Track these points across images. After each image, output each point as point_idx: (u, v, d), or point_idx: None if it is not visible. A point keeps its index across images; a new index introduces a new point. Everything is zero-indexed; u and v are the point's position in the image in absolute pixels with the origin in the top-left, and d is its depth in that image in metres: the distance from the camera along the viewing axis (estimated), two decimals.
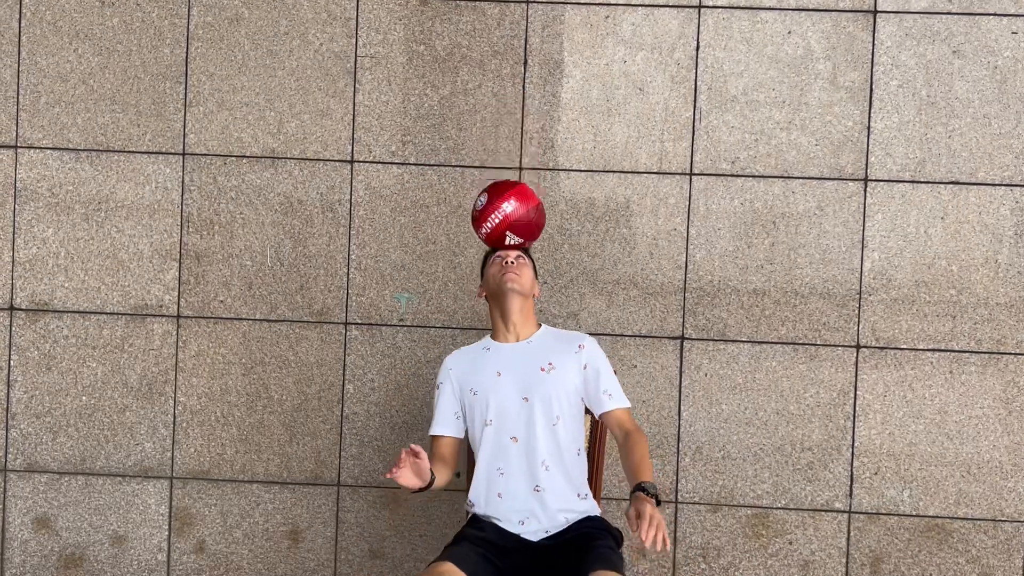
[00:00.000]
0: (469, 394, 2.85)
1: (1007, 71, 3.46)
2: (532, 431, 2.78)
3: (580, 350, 2.85)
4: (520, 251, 2.91)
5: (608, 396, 2.83)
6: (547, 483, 2.77)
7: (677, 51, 3.52)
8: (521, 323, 2.88)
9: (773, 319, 3.50)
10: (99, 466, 3.63)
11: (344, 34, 3.56)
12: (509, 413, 2.80)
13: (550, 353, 2.84)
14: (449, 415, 2.88)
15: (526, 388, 2.80)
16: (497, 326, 2.91)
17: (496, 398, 2.80)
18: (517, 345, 2.87)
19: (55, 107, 3.61)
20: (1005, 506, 3.47)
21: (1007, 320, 3.47)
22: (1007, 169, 3.46)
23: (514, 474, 2.79)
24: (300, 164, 3.58)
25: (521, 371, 2.82)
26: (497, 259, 2.89)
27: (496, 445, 2.80)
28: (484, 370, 2.85)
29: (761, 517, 3.52)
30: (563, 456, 2.79)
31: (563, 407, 2.80)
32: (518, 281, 2.83)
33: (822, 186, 3.50)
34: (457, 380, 2.88)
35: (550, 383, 2.80)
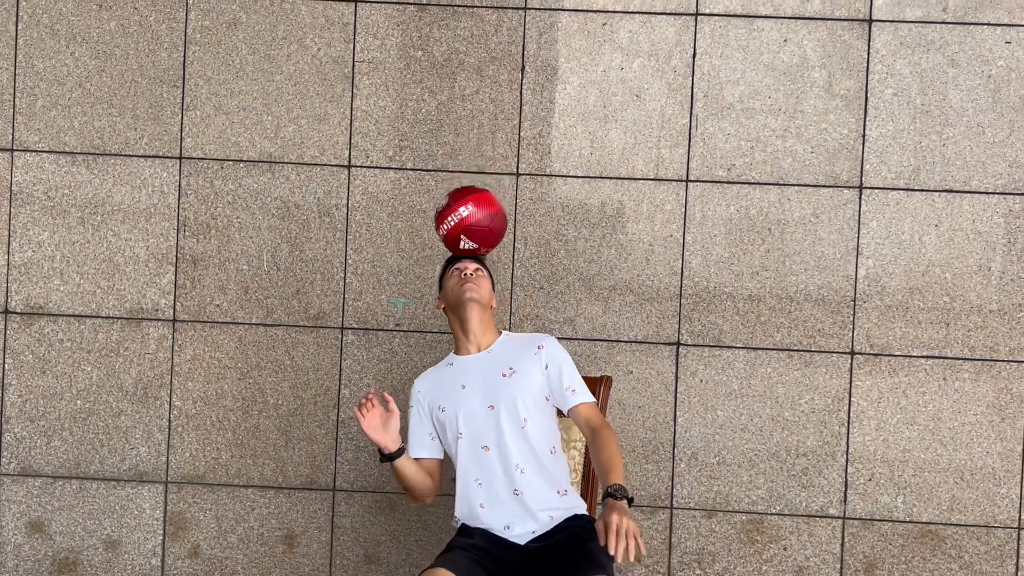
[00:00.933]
0: (439, 411, 2.87)
1: (1001, 80, 3.49)
2: (502, 437, 2.79)
3: (539, 351, 2.87)
4: (478, 264, 2.95)
5: (572, 392, 2.85)
6: (524, 486, 2.78)
7: (674, 58, 3.54)
8: (481, 333, 2.90)
9: (768, 325, 3.52)
10: (93, 470, 3.62)
11: (342, 39, 3.57)
12: (477, 422, 2.82)
13: (510, 358, 2.87)
14: (423, 436, 2.90)
15: (490, 396, 2.82)
16: (458, 338, 2.93)
17: (463, 410, 2.83)
18: (479, 356, 2.90)
19: (51, 110, 3.61)
20: (998, 513, 3.49)
21: (1000, 327, 3.49)
22: (1000, 177, 3.49)
23: (491, 482, 2.80)
24: (297, 169, 3.58)
25: (484, 380, 2.84)
26: (455, 271, 2.92)
27: (470, 456, 2.82)
28: (450, 386, 2.87)
29: (756, 523, 3.53)
30: (537, 457, 2.80)
31: (528, 409, 2.81)
32: (476, 291, 2.86)
33: (817, 193, 3.52)
34: (426, 401, 2.90)
35: (513, 387, 2.82)
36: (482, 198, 2.91)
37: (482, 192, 2.93)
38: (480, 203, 2.89)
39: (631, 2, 3.53)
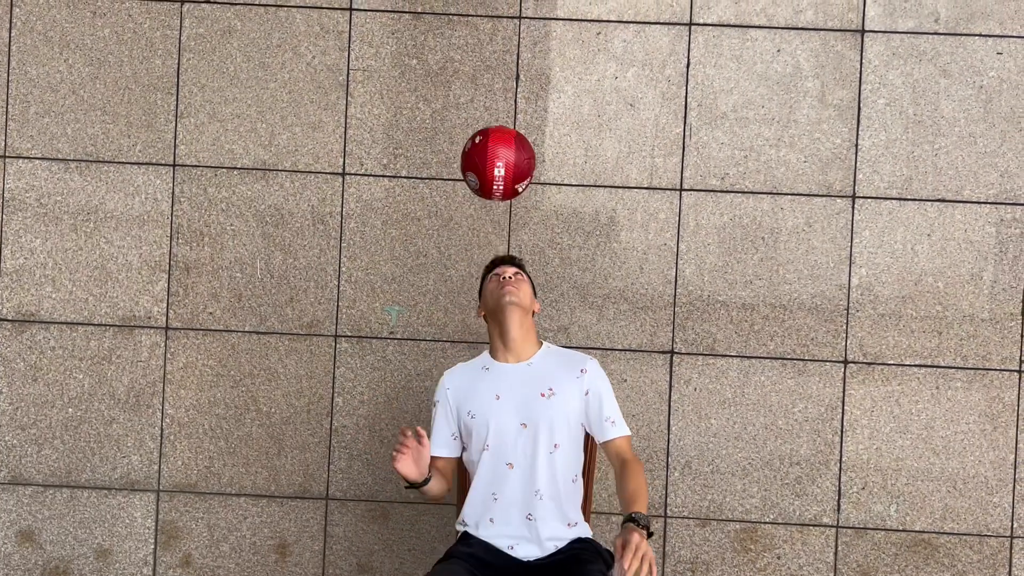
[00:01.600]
0: (467, 416, 2.81)
1: (992, 91, 3.51)
2: (529, 459, 2.74)
3: (582, 375, 2.82)
4: (518, 268, 2.92)
5: (611, 424, 2.80)
6: (540, 512, 2.74)
7: (668, 68, 3.55)
8: (521, 341, 2.84)
9: (762, 334, 3.53)
10: (84, 479, 3.59)
11: (337, 47, 3.57)
12: (507, 439, 2.76)
13: (551, 377, 2.80)
14: (446, 436, 2.86)
15: (525, 414, 2.76)
16: (496, 345, 2.87)
17: (494, 423, 2.76)
18: (517, 366, 2.84)
19: (44, 117, 3.60)
20: (991, 521, 3.50)
21: (992, 336, 3.50)
22: (992, 187, 3.51)
23: (508, 500, 2.76)
24: (291, 176, 3.58)
25: (521, 395, 2.78)
26: (494, 277, 2.88)
27: (492, 470, 2.77)
28: (483, 392, 2.81)
29: (749, 532, 3.53)
30: (558, 485, 2.76)
31: (563, 435, 2.76)
32: (516, 295, 2.81)
33: (810, 202, 3.53)
34: (454, 400, 2.85)
35: (550, 410, 2.76)
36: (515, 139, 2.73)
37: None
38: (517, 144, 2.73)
39: (625, 12, 3.55)
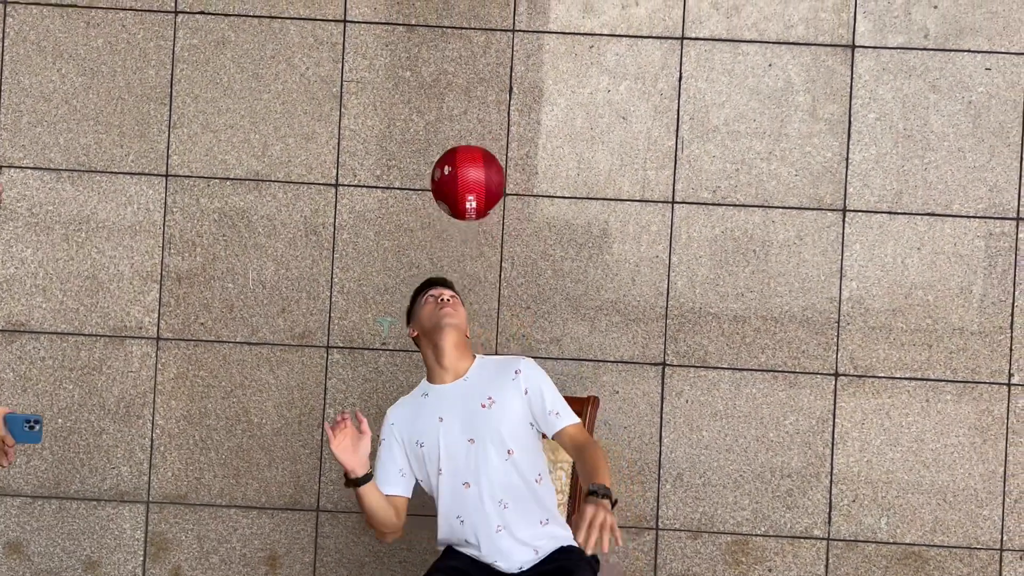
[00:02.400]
0: (416, 447, 2.77)
1: (981, 106, 3.54)
2: (483, 473, 2.71)
3: (517, 376, 2.79)
4: (453, 292, 2.91)
5: (556, 415, 2.76)
6: (508, 521, 2.72)
7: (660, 81, 3.57)
8: (456, 358, 2.81)
9: (753, 346, 3.54)
10: (74, 490, 3.57)
11: (330, 59, 3.59)
12: (458, 458, 2.73)
13: (488, 386, 2.78)
14: (393, 473, 2.80)
15: (470, 429, 2.73)
16: (431, 367, 2.85)
17: (443, 444, 2.73)
18: (454, 385, 2.81)
19: (37, 127, 3.59)
20: (980, 534, 3.51)
21: (981, 350, 3.52)
22: (981, 202, 3.54)
23: (473, 521, 2.72)
24: (284, 187, 3.58)
25: (462, 412, 2.75)
26: (430, 298, 2.86)
27: (451, 493, 2.74)
28: (426, 418, 2.78)
29: (741, 544, 3.53)
30: (523, 489, 2.73)
31: (515, 439, 2.73)
32: (455, 316, 2.80)
33: (801, 216, 3.55)
34: (400, 435, 2.80)
35: (493, 419, 2.73)
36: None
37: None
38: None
39: (618, 25, 3.57)
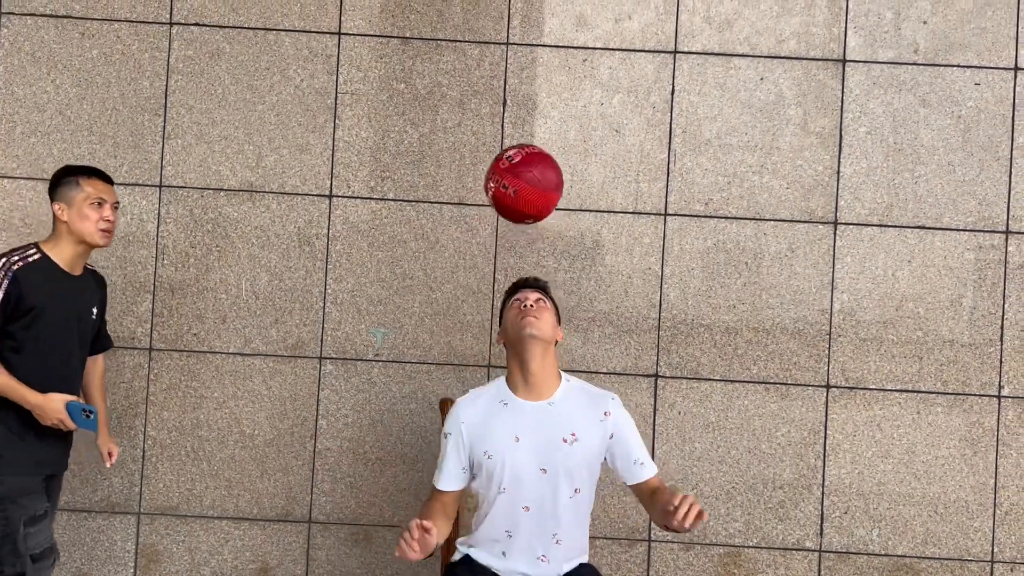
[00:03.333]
0: (483, 456, 2.64)
1: (970, 120, 3.58)
2: (548, 504, 2.63)
3: (606, 418, 2.67)
4: (541, 293, 2.76)
5: (640, 465, 2.68)
6: (554, 553, 2.67)
7: (653, 95, 3.59)
8: (542, 375, 2.66)
9: (745, 358, 3.55)
10: (64, 501, 3.55)
11: (325, 71, 3.60)
12: (524, 483, 2.62)
13: (574, 420, 2.65)
14: (456, 470, 2.68)
15: (546, 459, 2.62)
16: (515, 377, 2.69)
17: (512, 466, 2.61)
18: (538, 405, 2.66)
19: (31, 137, 3.59)
20: (971, 546, 3.52)
21: (971, 362, 3.54)
22: (971, 215, 3.57)
23: (522, 540, 2.65)
24: (278, 198, 3.58)
25: (541, 439, 2.63)
26: (515, 303, 2.71)
27: (507, 510, 2.65)
28: (501, 431, 2.64)
29: (733, 556, 3.53)
30: (575, 526, 2.68)
31: (583, 479, 2.65)
32: (538, 326, 2.63)
33: (793, 228, 3.57)
34: (469, 437, 2.66)
35: (573, 457, 2.62)
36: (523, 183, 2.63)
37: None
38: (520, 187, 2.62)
39: (611, 39, 3.60)
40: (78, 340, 3.02)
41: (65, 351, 2.97)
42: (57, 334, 2.94)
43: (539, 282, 2.82)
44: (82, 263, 3.03)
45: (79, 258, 3.01)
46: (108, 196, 3.00)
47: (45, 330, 2.91)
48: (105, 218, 2.97)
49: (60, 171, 3.04)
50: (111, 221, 2.98)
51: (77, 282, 3.01)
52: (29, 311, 2.87)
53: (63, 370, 2.97)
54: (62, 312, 2.94)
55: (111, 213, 2.98)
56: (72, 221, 2.96)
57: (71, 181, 2.99)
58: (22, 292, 2.86)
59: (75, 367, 3.03)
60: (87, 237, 2.97)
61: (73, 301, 2.99)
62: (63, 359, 2.97)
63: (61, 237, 2.98)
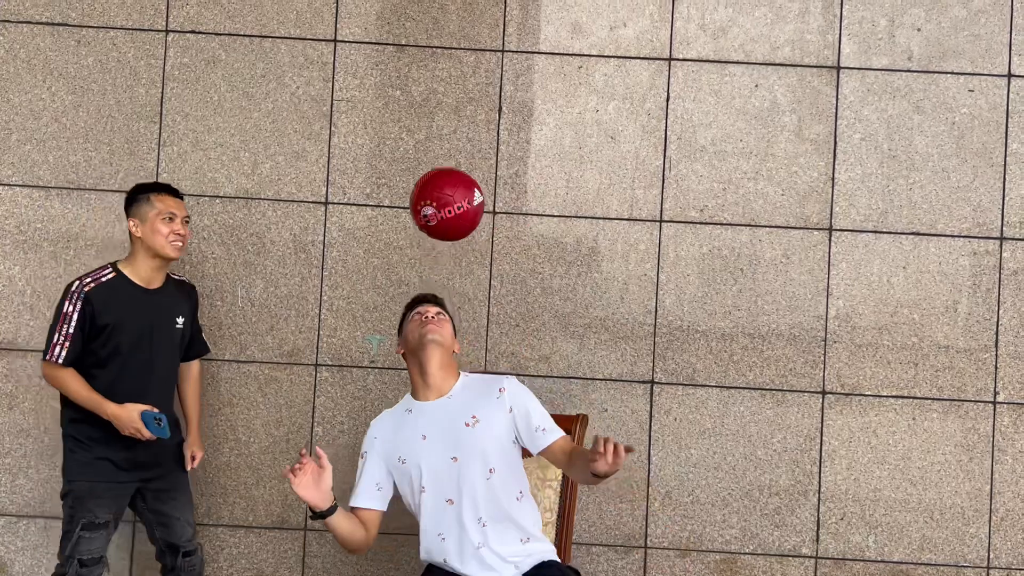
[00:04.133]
0: (398, 463, 2.77)
1: (964, 127, 3.59)
2: (465, 491, 2.71)
3: (501, 394, 2.78)
4: (439, 308, 2.90)
5: (543, 431, 2.76)
6: (487, 539, 2.72)
7: (648, 102, 3.60)
8: (440, 376, 2.81)
9: (741, 364, 3.55)
10: (58, 509, 3.53)
11: (321, 78, 3.60)
12: (440, 476, 2.73)
13: (472, 405, 2.78)
14: (370, 487, 2.79)
15: (453, 447, 2.73)
16: (416, 383, 2.84)
17: (426, 463, 2.74)
18: (438, 402, 2.80)
19: (26, 144, 3.59)
20: (967, 552, 3.52)
21: (967, 368, 3.55)
22: (965, 221, 3.58)
23: (454, 538, 2.73)
24: (274, 205, 3.59)
25: (446, 430, 2.75)
26: (416, 315, 2.86)
27: (434, 510, 2.74)
28: (409, 435, 2.77)
29: (729, 562, 3.53)
30: (502, 507, 2.73)
31: (495, 458, 2.73)
32: (439, 332, 2.80)
33: (788, 235, 3.58)
34: (383, 449, 2.80)
35: (477, 438, 2.73)
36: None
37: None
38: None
39: (606, 46, 3.61)
40: (161, 351, 3.15)
41: (145, 363, 3.11)
42: (136, 348, 3.09)
43: (437, 298, 2.97)
44: (159, 276, 3.17)
45: (155, 272, 3.15)
46: (178, 211, 3.15)
47: (123, 345, 3.07)
48: (176, 231, 3.12)
49: (133, 189, 3.20)
50: (182, 235, 3.13)
51: (155, 295, 3.15)
52: (104, 329, 3.04)
53: (145, 381, 3.10)
54: (137, 326, 3.08)
55: (182, 227, 3.14)
56: (145, 236, 3.11)
57: (143, 198, 3.14)
58: (95, 311, 3.03)
59: (160, 377, 3.15)
60: (160, 250, 3.11)
61: (150, 314, 3.12)
62: (144, 371, 3.10)
63: (137, 253, 3.14)
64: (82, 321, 3.02)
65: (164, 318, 3.16)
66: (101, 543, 3.03)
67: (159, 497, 3.17)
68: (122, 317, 3.06)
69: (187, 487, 3.26)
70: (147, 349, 3.11)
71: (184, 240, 3.15)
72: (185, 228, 3.15)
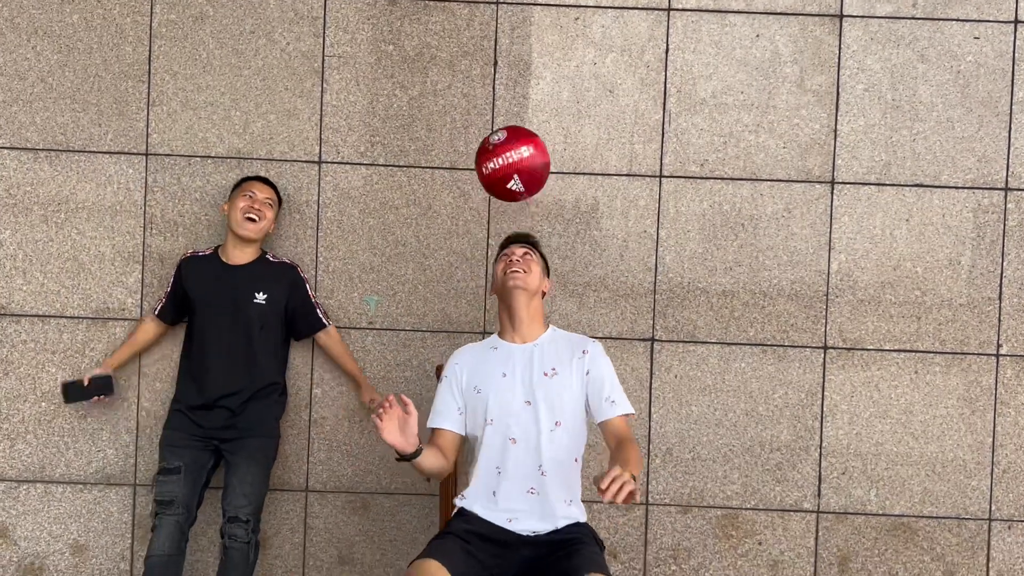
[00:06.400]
0: (472, 392, 2.83)
1: (969, 75, 3.51)
2: (532, 435, 2.76)
3: (584, 356, 2.83)
4: (528, 248, 2.91)
5: (611, 403, 2.79)
6: (542, 487, 2.75)
7: (647, 53, 3.52)
8: (528, 323, 2.86)
9: (742, 320, 3.52)
10: (59, 474, 3.54)
11: (311, 33, 3.52)
12: (510, 414, 2.77)
13: (555, 358, 2.83)
14: (452, 409, 2.84)
15: (529, 391, 2.79)
16: (504, 325, 2.90)
17: (498, 398, 2.78)
18: (523, 347, 2.85)
19: (12, 106, 3.52)
20: (969, 504, 3.52)
21: (970, 321, 3.52)
22: (969, 172, 3.52)
23: (511, 475, 2.76)
24: (267, 165, 3.52)
25: (525, 374, 2.81)
26: (504, 257, 2.89)
27: (496, 444, 2.78)
28: (489, 369, 2.83)
29: (731, 518, 3.53)
30: (560, 463, 2.77)
31: (564, 413, 2.78)
32: (523, 279, 2.82)
33: (790, 188, 3.52)
34: (463, 374, 2.86)
35: (553, 388, 2.78)
36: (541, 144, 2.83)
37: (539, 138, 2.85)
38: (540, 148, 2.82)
39: None
40: (241, 327, 3.29)
41: (223, 338, 3.28)
42: (213, 322, 3.29)
43: (529, 238, 2.99)
44: (244, 254, 3.34)
45: (237, 249, 3.34)
46: (259, 192, 3.34)
47: (204, 318, 3.31)
48: (249, 206, 3.29)
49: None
50: (255, 209, 3.30)
51: (237, 272, 3.33)
52: (189, 300, 3.34)
53: (224, 356, 3.27)
54: (215, 300, 3.30)
55: (258, 204, 3.30)
56: (228, 214, 3.34)
57: (239, 186, 3.38)
58: (182, 282, 3.36)
59: (240, 352, 3.29)
60: (232, 226, 3.31)
61: (227, 289, 3.30)
62: (221, 346, 3.28)
63: (227, 232, 3.36)
64: (175, 290, 3.38)
65: (242, 293, 3.30)
66: (171, 487, 3.18)
67: (228, 460, 3.28)
68: (202, 292, 3.31)
69: (258, 460, 3.27)
70: (225, 325, 3.28)
71: (259, 220, 3.30)
72: (265, 209, 3.31)
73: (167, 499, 3.19)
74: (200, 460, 3.27)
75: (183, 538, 3.19)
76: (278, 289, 3.36)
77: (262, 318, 3.32)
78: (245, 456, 3.27)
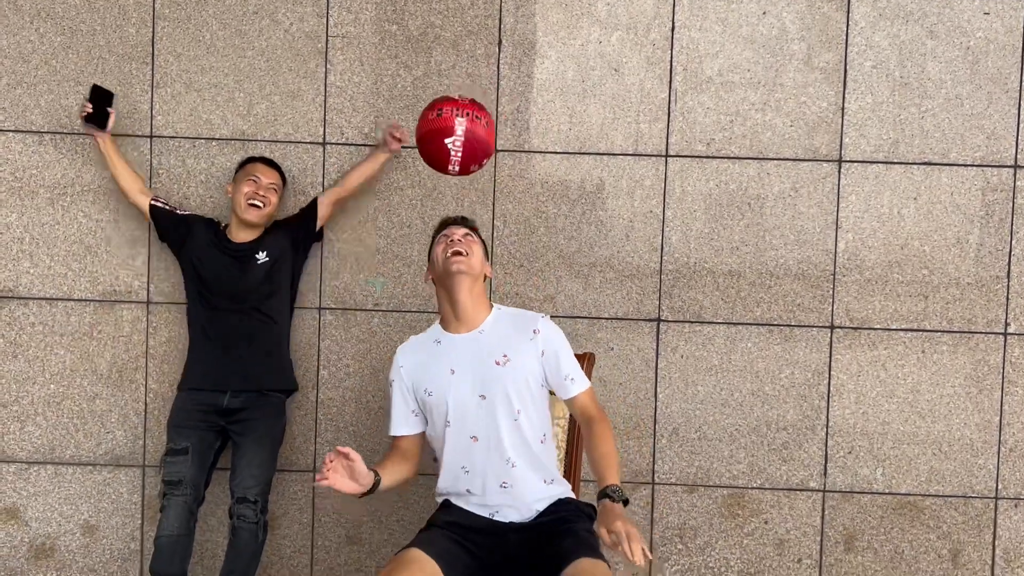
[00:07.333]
0: (424, 394, 2.71)
1: (979, 52, 3.48)
2: (492, 430, 2.66)
3: (535, 336, 2.69)
4: (468, 229, 2.76)
5: (571, 381, 2.70)
6: (514, 479, 2.68)
7: (652, 31, 3.50)
8: (471, 308, 2.70)
9: (748, 300, 3.51)
10: (68, 455, 3.56)
11: (315, 13, 3.50)
12: (467, 413, 2.67)
13: (504, 343, 2.69)
14: (406, 414, 2.76)
15: (482, 385, 2.66)
16: (446, 313, 2.73)
17: (452, 398, 2.67)
18: (468, 336, 2.71)
19: (16, 88, 3.51)
20: (975, 483, 3.52)
21: (977, 300, 3.50)
22: (979, 150, 3.49)
23: (479, 472, 2.69)
24: (271, 146, 3.52)
25: (475, 367, 2.67)
26: (443, 238, 2.72)
27: (458, 445, 2.69)
28: (437, 367, 2.70)
29: (737, 497, 3.54)
30: (528, 448, 2.69)
31: (524, 400, 2.67)
32: (465, 262, 2.67)
33: (797, 167, 3.50)
34: (409, 379, 2.74)
35: (507, 377, 2.66)
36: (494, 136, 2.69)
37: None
38: (492, 136, 2.64)
39: None
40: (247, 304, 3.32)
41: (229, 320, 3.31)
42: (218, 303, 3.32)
43: (467, 220, 2.83)
44: (245, 235, 3.37)
45: (239, 230, 3.38)
46: (264, 176, 3.36)
47: (208, 299, 3.34)
48: (253, 192, 3.32)
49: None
50: (259, 195, 3.33)
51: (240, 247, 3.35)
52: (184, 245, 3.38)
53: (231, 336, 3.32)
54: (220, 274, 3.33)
55: (262, 190, 3.33)
56: (232, 197, 3.37)
57: (243, 167, 3.40)
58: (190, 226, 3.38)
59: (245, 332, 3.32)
60: (236, 209, 3.34)
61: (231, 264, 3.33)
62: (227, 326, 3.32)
63: (231, 213, 3.39)
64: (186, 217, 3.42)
65: (244, 263, 3.33)
66: (179, 467, 3.21)
67: (235, 441, 3.31)
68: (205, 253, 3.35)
69: (265, 442, 3.29)
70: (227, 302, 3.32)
71: (264, 207, 3.32)
72: (269, 194, 3.33)
73: (175, 479, 3.21)
74: (207, 440, 3.29)
75: (192, 518, 3.22)
76: (279, 246, 3.37)
77: (267, 279, 3.33)
78: (253, 437, 3.28)
